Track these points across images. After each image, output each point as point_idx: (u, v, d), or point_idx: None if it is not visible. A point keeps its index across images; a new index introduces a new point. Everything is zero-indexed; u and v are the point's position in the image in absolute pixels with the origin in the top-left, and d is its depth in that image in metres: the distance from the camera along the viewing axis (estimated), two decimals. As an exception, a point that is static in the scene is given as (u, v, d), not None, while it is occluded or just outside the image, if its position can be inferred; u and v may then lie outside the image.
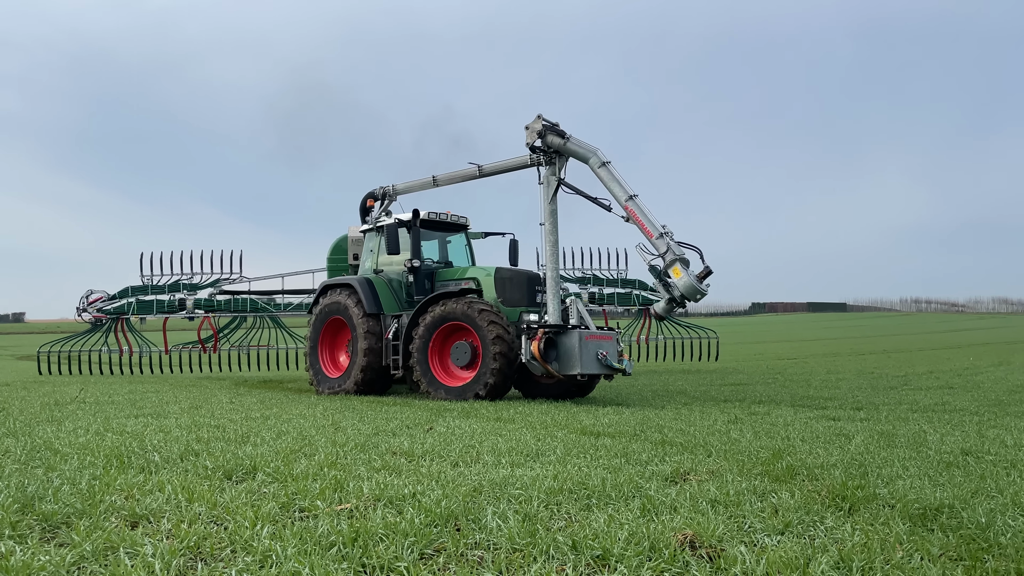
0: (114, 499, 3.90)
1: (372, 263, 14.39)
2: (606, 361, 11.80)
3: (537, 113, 12.51)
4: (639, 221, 11.86)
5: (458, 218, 14.66)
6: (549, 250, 12.51)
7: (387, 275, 14.08)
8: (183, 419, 8.20)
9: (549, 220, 12.47)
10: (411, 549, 3.10)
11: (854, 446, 6.25)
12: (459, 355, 12.36)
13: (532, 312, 12.66)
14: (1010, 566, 2.90)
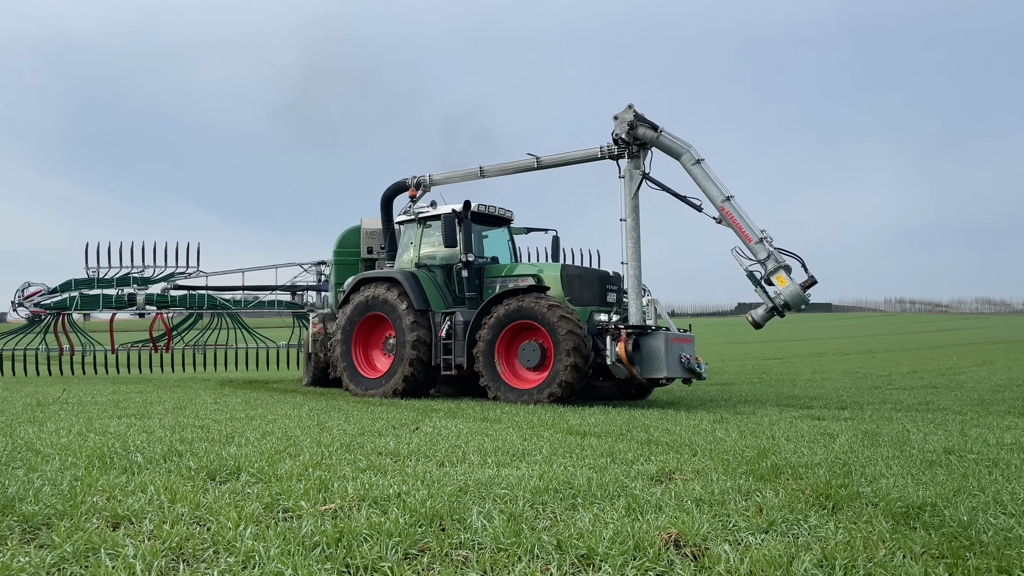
0: (96, 500, 3.86)
1: (413, 256, 13.56)
2: (689, 364, 11.30)
3: (628, 103, 11.79)
4: (736, 224, 11.27)
5: (505, 211, 13.93)
6: (631, 247, 11.74)
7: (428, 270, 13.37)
8: (167, 420, 8.15)
9: (631, 216, 11.75)
10: (395, 549, 3.09)
11: (838, 445, 6.29)
12: (527, 356, 11.69)
13: (603, 312, 12.12)
14: (991, 564, 2.92)
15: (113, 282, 20.29)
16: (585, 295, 12.31)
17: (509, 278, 12.86)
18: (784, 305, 11.16)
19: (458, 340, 12.30)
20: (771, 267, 11.10)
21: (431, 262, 13.42)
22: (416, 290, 12.78)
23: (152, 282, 20.64)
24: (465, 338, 12.18)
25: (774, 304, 11.21)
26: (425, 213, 13.56)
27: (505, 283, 12.76)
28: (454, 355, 12.34)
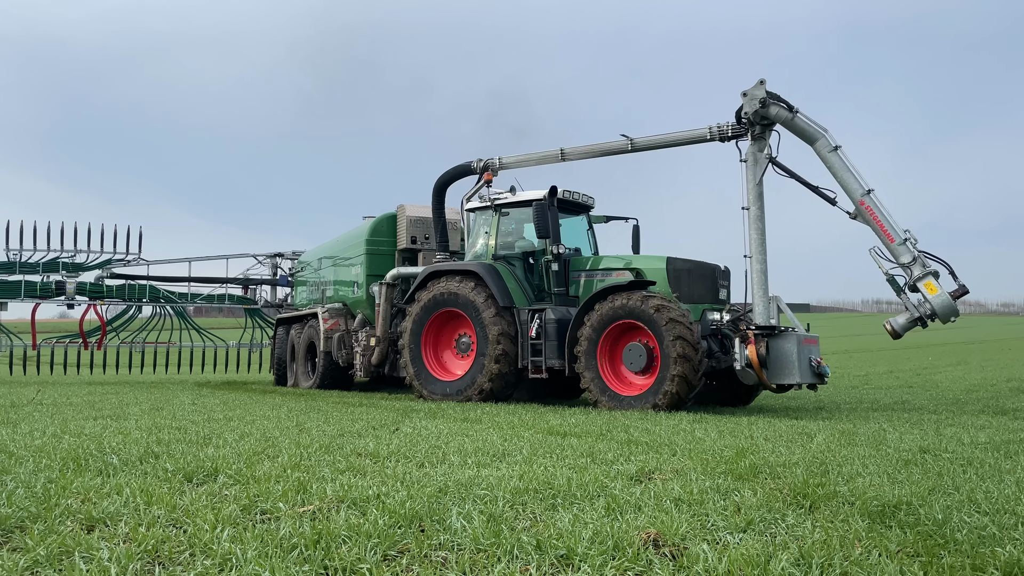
0: (70, 502, 3.81)
1: (489, 247, 12.41)
2: (819, 368, 10.28)
3: (759, 78, 10.73)
4: (877, 222, 10.23)
5: (587, 198, 12.82)
6: (755, 238, 10.65)
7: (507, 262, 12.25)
8: (143, 421, 8.06)
9: (755, 204, 10.67)
10: (374, 550, 3.08)
11: (815, 444, 6.34)
12: (632, 359, 10.54)
13: (715, 311, 11.16)
14: (965, 562, 2.96)
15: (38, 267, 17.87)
16: (695, 291, 11.12)
17: (597, 271, 11.83)
18: (930, 315, 10.13)
19: (550, 340, 11.20)
20: (917, 273, 10.10)
21: (508, 253, 12.34)
22: (498, 284, 11.68)
23: (85, 269, 18.30)
24: (558, 338, 11.15)
25: (920, 314, 10.17)
26: (502, 200, 12.46)
27: (592, 277, 11.78)
28: (544, 356, 11.22)
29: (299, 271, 19.14)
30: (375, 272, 14.80)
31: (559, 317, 11.27)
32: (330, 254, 17.03)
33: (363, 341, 14.64)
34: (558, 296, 11.74)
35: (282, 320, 18.59)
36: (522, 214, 12.43)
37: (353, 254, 15.59)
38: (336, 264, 16.50)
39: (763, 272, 10.60)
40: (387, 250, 14.95)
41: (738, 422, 8.43)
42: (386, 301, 14.08)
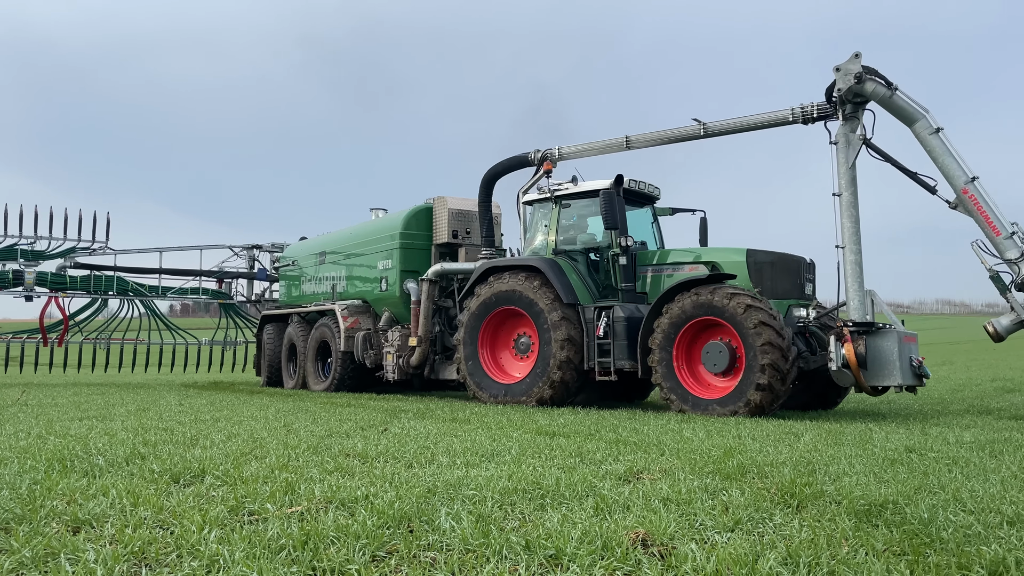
0: (55, 504, 3.79)
1: (549, 242, 11.70)
2: (920, 369, 9.40)
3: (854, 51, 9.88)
4: (981, 213, 9.39)
5: (653, 188, 12.08)
6: (848, 227, 9.76)
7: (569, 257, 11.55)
8: (129, 422, 8.01)
9: (848, 190, 9.78)
10: (363, 551, 3.07)
11: (802, 444, 6.37)
12: (713, 359, 9.76)
13: (801, 307, 10.43)
14: (951, 560, 2.98)
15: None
16: (779, 286, 10.36)
17: (665, 266, 11.03)
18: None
19: (619, 339, 10.42)
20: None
21: (570, 248, 11.63)
22: (562, 280, 10.93)
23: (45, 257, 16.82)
24: (627, 337, 10.38)
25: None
26: (563, 191, 11.71)
27: (660, 272, 11.02)
28: (613, 357, 10.43)
29: (287, 265, 17.98)
30: (409, 268, 13.94)
31: (629, 315, 10.53)
32: (339, 247, 15.94)
33: (396, 341, 13.68)
34: (626, 292, 10.98)
35: (269, 317, 17.79)
36: (585, 206, 11.77)
37: (379, 248, 14.52)
38: (352, 258, 15.43)
39: (858, 263, 9.75)
40: (422, 244, 14.06)
41: (725, 422, 8.46)
42: (428, 299, 13.21)
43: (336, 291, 15.74)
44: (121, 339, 18.01)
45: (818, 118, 10.27)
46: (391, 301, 14.26)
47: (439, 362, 13.26)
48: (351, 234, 15.84)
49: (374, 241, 14.76)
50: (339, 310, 14.73)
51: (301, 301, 17.09)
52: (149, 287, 18.23)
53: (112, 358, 17.71)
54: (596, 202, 11.40)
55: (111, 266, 17.55)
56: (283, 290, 18.09)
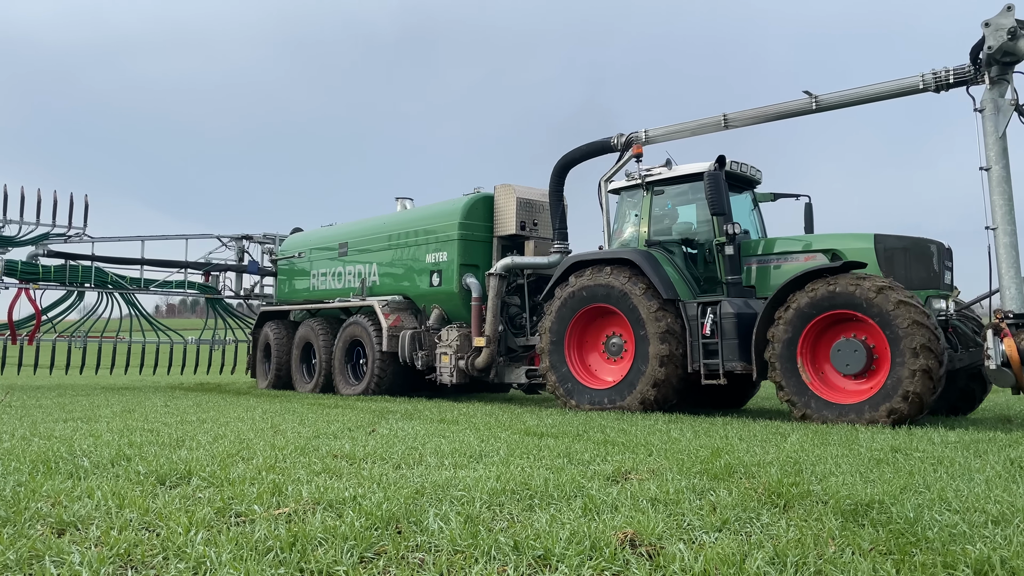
0: (40, 506, 3.76)
1: (641, 233, 10.74)
2: None
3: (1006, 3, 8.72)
4: None
5: (755, 171, 10.99)
6: (1001, 204, 8.68)
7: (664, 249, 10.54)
8: (115, 423, 7.96)
9: (998, 163, 8.72)
10: (351, 553, 3.06)
11: (789, 444, 6.40)
12: (846, 358, 8.68)
13: (941, 298, 9.36)
14: (936, 559, 3.00)
15: None
16: (914, 275, 9.22)
17: (771, 256, 9.98)
18: None
19: (728, 338, 9.41)
20: None
21: (665, 239, 10.62)
22: (659, 274, 9.95)
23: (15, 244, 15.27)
24: (738, 336, 9.37)
25: None
26: (656, 176, 10.72)
27: (767, 263, 10.02)
28: (722, 358, 9.41)
29: (290, 257, 16.61)
30: (469, 262, 12.86)
31: (739, 311, 9.48)
32: (369, 238, 14.71)
33: (454, 341, 12.60)
34: (732, 286, 9.89)
35: (271, 314, 16.66)
36: (680, 192, 10.77)
37: (430, 239, 13.31)
38: (389, 250, 14.19)
39: (1012, 246, 8.63)
40: (481, 236, 12.93)
41: (713, 422, 8.49)
42: (496, 296, 12.18)
43: (366, 286, 14.51)
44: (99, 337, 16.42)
45: (955, 84, 9.22)
46: (444, 298, 13.17)
47: (503, 364, 12.34)
48: (386, 224, 14.62)
49: (422, 232, 13.54)
50: (379, 307, 13.53)
51: (311, 297, 15.93)
52: (130, 279, 16.65)
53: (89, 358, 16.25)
54: (693, 188, 10.49)
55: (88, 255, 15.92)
56: (284, 285, 16.89)
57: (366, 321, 13.75)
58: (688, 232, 10.70)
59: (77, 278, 15.70)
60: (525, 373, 12.00)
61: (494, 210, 13.05)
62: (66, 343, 16.09)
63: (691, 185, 10.56)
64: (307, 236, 16.85)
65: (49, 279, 15.33)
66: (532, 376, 12.03)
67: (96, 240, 16.18)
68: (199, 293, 17.84)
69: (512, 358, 12.43)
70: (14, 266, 14.94)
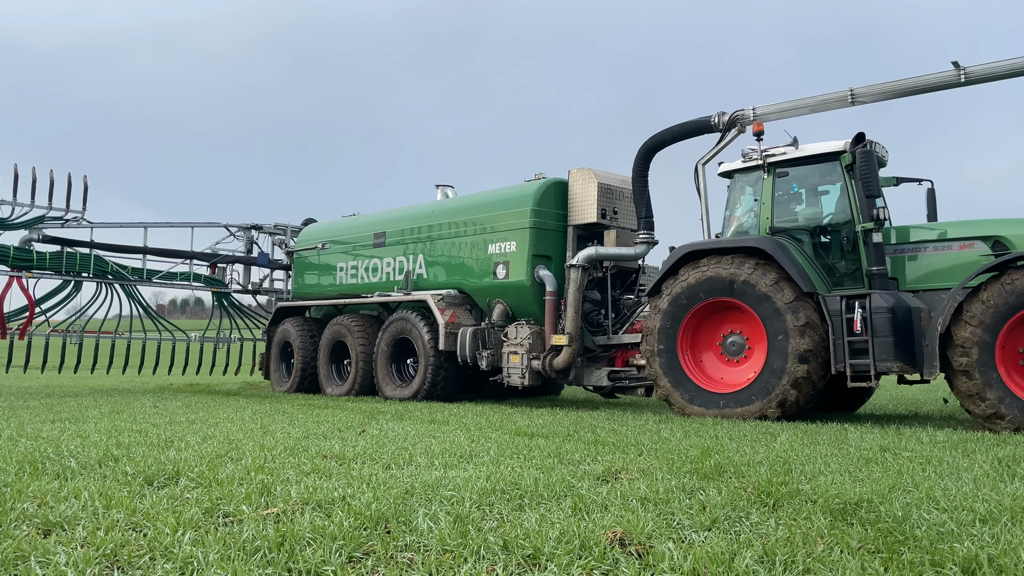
0: (26, 506, 3.73)
1: (763, 219, 9.66)
2: None
3: None
4: None
5: (883, 151, 9.85)
6: None
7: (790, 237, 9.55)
8: (103, 424, 7.91)
9: None
10: (339, 552, 3.05)
11: (779, 444, 6.42)
12: None
13: None
14: (924, 557, 3.01)
15: None
16: None
17: (907, 246, 9.11)
18: None
19: (881, 336, 8.43)
20: None
21: (791, 226, 9.60)
22: (794, 264, 9.00)
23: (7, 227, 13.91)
24: (893, 333, 8.38)
25: None
26: (780, 156, 9.68)
27: (901, 253, 9.13)
28: (873, 358, 8.43)
29: (310, 248, 15.35)
30: (541, 252, 11.70)
31: (893, 305, 8.49)
32: (414, 227, 13.50)
33: (526, 339, 11.46)
34: (876, 278, 8.93)
35: (289, 310, 15.52)
36: (807, 175, 9.76)
37: (493, 227, 12.14)
38: (440, 240, 13.00)
39: None
40: (554, 225, 11.80)
41: (703, 422, 8.50)
42: (579, 290, 11.17)
43: (412, 280, 13.26)
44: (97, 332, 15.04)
45: None
46: (512, 292, 11.95)
47: (582, 365, 11.31)
48: (434, 212, 13.36)
49: (483, 220, 12.31)
50: (433, 301, 12.25)
51: (338, 292, 14.69)
52: (132, 270, 15.16)
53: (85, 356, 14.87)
54: (822, 169, 9.60)
55: (87, 242, 14.61)
56: (302, 279, 15.60)
57: (416, 317, 12.50)
58: (816, 218, 9.71)
59: (75, 267, 14.32)
60: (607, 375, 10.99)
61: (568, 197, 11.86)
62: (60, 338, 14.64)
63: (820, 167, 9.59)
64: (330, 226, 15.57)
65: (44, 267, 13.94)
66: (616, 379, 11.02)
67: (95, 226, 14.75)
68: (205, 286, 16.35)
69: (590, 358, 11.42)
70: (6, 252, 13.59)
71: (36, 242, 14.21)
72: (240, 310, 17.35)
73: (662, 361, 9.65)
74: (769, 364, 8.94)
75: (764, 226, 9.61)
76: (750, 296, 9.09)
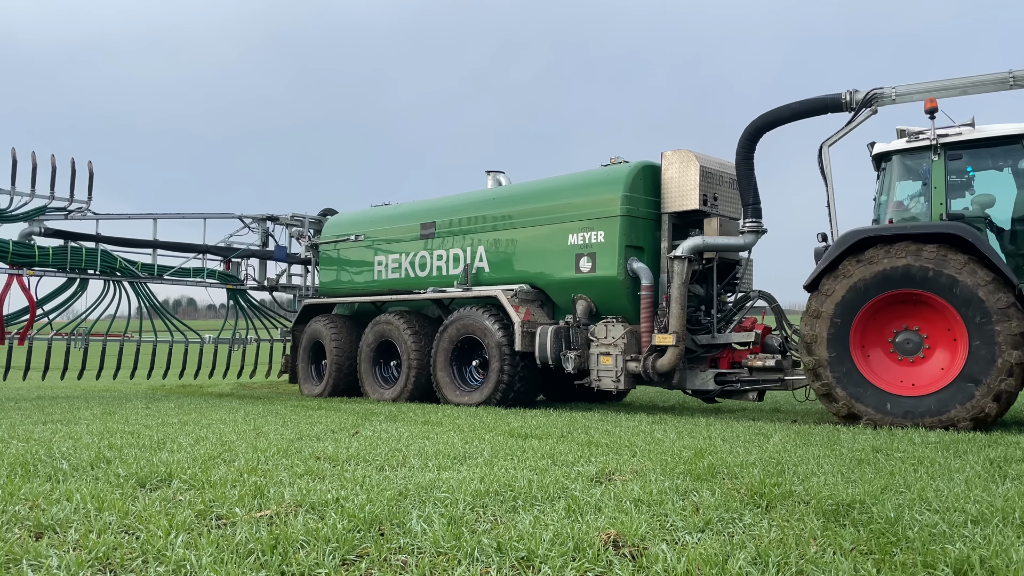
0: (18, 509, 3.71)
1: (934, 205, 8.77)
2: None
3: None
4: None
5: None
6: None
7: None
8: (95, 425, 7.88)
9: None
10: (333, 555, 3.05)
11: (772, 445, 6.43)
12: None
13: None
14: (917, 558, 3.02)
15: None
16: None
17: None
18: None
19: None
20: None
21: (970, 213, 8.81)
22: (993, 253, 8.11)
23: (6, 219, 12.70)
24: None
25: None
26: (955, 136, 8.80)
27: None
28: None
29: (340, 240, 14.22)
30: (633, 243, 10.62)
31: None
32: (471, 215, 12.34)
33: (620, 339, 10.42)
34: None
35: (317, 308, 14.54)
36: (986, 157, 8.97)
37: (575, 215, 11.01)
38: (507, 230, 11.84)
39: None
40: (645, 212, 10.72)
41: (696, 423, 8.52)
42: (684, 284, 10.15)
43: (471, 274, 12.14)
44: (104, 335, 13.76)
45: None
46: (600, 286, 10.84)
47: (684, 367, 10.40)
48: (496, 199, 12.28)
49: (563, 207, 11.22)
50: (506, 298, 11.19)
51: (377, 288, 13.60)
52: (142, 266, 13.86)
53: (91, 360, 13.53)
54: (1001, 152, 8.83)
55: (93, 235, 13.41)
56: (331, 274, 14.45)
57: (484, 315, 11.43)
58: (998, 204, 8.87)
59: (80, 263, 13.03)
60: (714, 378, 10.13)
61: (662, 181, 10.77)
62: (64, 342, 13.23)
63: (1000, 149, 8.81)
64: (361, 217, 14.37)
65: (47, 263, 12.69)
66: (724, 382, 10.19)
67: (101, 217, 13.58)
68: (220, 283, 15.11)
69: (689, 360, 10.50)
70: (5, 247, 12.33)
71: (37, 235, 13.04)
72: (256, 309, 16.09)
73: (833, 356, 8.61)
74: (970, 364, 7.99)
75: (937, 212, 8.70)
76: (946, 289, 8.10)
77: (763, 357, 9.88)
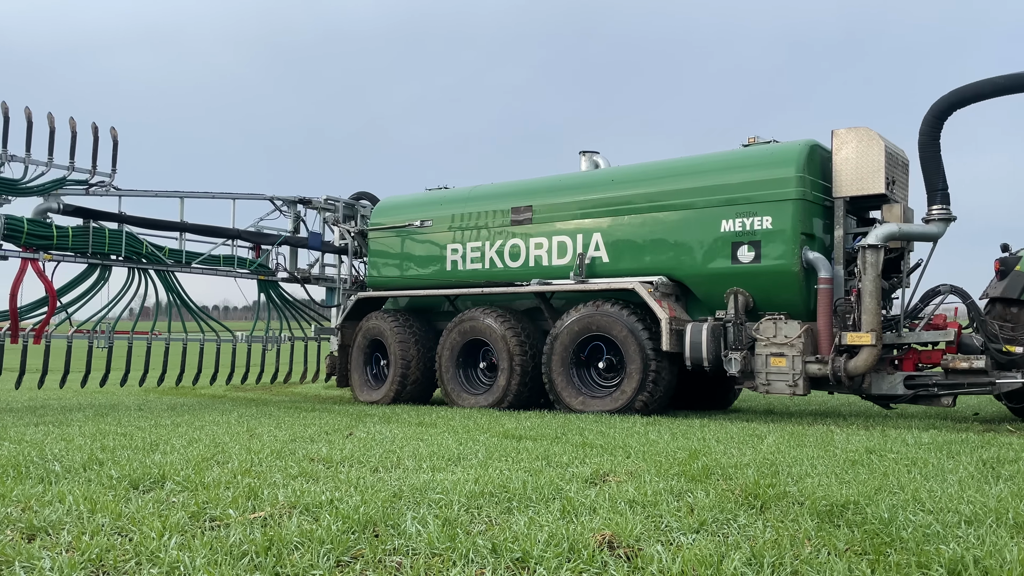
0: (10, 511, 3.70)
1: None
2: None
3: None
4: None
5: None
6: None
7: None
8: (87, 427, 7.85)
9: None
10: (327, 556, 3.04)
11: (766, 446, 6.44)
12: None
13: None
14: (911, 559, 3.03)
15: None
16: None
17: None
18: None
19: None
20: None
21: None
22: None
23: (20, 191, 10.69)
24: None
25: None
26: None
27: None
28: None
29: (405, 226, 12.60)
30: (807, 230, 9.51)
31: None
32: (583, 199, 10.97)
33: (797, 340, 9.24)
34: None
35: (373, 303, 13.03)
36: None
37: (735, 199, 9.76)
38: (632, 215, 10.51)
39: None
40: (815, 196, 9.60)
41: (690, 424, 8.53)
42: (878, 276, 9.07)
43: (586, 263, 10.73)
44: (129, 333, 12.00)
45: None
46: (763, 278, 9.65)
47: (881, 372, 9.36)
48: (617, 179, 10.97)
49: (715, 189, 9.95)
50: (646, 292, 9.90)
51: (452, 280, 12.04)
52: (169, 251, 12.02)
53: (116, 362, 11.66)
54: None
55: (116, 214, 11.52)
56: (386, 265, 12.95)
57: (620, 311, 10.10)
58: None
59: (103, 247, 11.14)
60: (903, 382, 9.15)
61: (834, 163, 9.66)
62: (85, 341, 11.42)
63: None
64: (423, 200, 12.84)
65: (66, 247, 10.78)
66: (915, 386, 9.20)
67: (123, 194, 11.68)
68: (253, 273, 13.09)
69: None
70: (18, 226, 10.31)
71: (54, 213, 11.12)
72: (289, 303, 13.92)
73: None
74: None
75: None
76: None
77: (966, 358, 8.87)
